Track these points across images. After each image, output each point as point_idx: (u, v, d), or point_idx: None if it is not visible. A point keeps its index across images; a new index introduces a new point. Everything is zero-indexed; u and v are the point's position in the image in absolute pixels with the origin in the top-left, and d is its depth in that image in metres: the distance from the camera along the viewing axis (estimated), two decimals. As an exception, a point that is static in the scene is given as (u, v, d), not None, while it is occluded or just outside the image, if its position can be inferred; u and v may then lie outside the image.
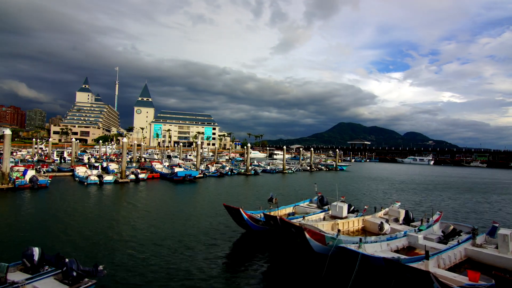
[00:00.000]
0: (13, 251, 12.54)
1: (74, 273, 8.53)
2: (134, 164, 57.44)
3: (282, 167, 62.60)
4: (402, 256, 11.08)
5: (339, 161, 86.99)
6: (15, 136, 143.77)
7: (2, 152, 34.17)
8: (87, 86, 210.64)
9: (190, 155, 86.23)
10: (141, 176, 38.79)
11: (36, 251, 9.33)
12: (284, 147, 72.92)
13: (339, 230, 13.31)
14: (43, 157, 69.30)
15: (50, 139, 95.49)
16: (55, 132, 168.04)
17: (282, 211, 18.65)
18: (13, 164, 35.49)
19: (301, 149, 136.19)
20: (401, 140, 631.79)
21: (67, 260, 8.95)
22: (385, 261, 9.58)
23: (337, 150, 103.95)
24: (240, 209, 15.60)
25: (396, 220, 17.09)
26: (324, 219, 17.33)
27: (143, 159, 76.38)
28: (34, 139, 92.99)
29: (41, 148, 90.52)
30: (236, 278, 11.26)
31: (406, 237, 13.79)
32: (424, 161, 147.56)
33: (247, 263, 12.77)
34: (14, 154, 66.08)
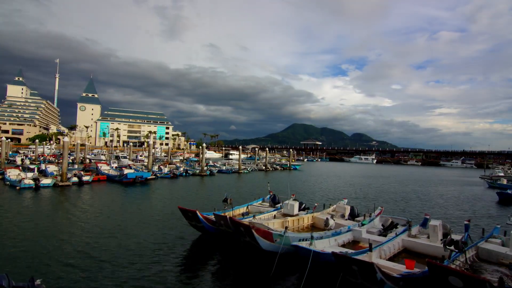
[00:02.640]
0: None
1: None
2: (76, 166, 52.90)
3: (238, 167, 62.82)
4: (350, 251, 11.91)
5: (293, 160, 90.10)
6: None
7: None
8: (20, 79, 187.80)
9: (141, 156, 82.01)
10: (85, 178, 35.85)
11: None
12: (240, 147, 73.38)
13: (286, 227, 13.83)
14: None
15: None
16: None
17: (236, 211, 18.73)
18: None
19: (256, 149, 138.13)
20: (348, 140, 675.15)
21: None
22: (335, 256, 10.20)
23: (291, 150, 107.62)
24: (197, 212, 15.26)
25: (343, 216, 18.28)
26: (275, 217, 17.81)
27: (87, 160, 70.71)
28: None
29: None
30: (189, 283, 11.06)
31: (351, 232, 14.86)
32: (368, 160, 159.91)
33: (200, 267, 12.57)
34: None
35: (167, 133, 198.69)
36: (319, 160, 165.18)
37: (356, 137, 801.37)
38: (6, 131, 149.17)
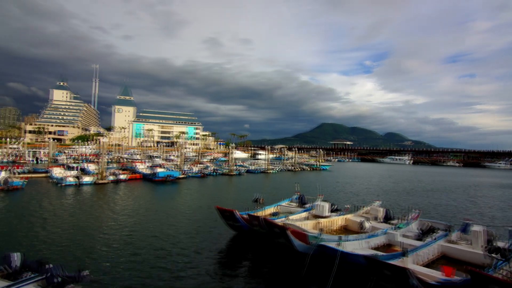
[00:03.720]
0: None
1: (59, 279, 8.27)
2: (114, 165, 55.92)
3: (265, 167, 62.86)
4: (380, 253, 11.43)
5: (322, 161, 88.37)
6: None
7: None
8: (64, 84, 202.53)
9: (172, 155, 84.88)
10: (122, 177, 37.83)
11: (16, 256, 8.98)
12: (268, 147, 73.31)
13: (321, 229, 13.55)
14: (18, 157, 66.15)
15: (25, 139, 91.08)
16: (30, 131, 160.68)
17: (266, 211, 18.78)
18: (-17, 165, 33.59)
19: (284, 149, 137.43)
20: (380, 140, 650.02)
21: (50, 265, 8.66)
22: (366, 259, 9.84)
23: (319, 150, 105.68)
24: (235, 211, 15.34)
25: (376, 219, 17.60)
26: (307, 218, 17.57)
27: (123, 160, 74.52)
28: (7, 139, 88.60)
29: (15, 148, 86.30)
30: (222, 279, 11.23)
31: (385, 235, 14.25)
32: (402, 161, 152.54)
33: (234, 264, 12.78)
34: (-16, 154, 62.72)
35: (196, 133, 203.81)
36: (349, 160, 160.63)
37: (388, 136, 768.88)
38: (52, 133, 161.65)
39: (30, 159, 62.05)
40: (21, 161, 58.27)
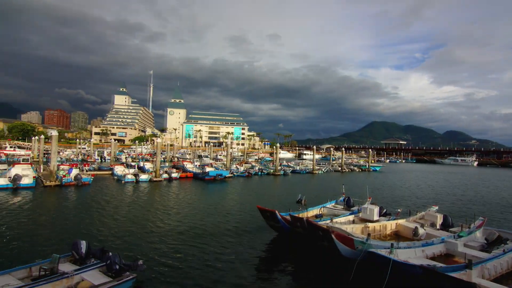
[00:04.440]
0: (62, 244, 13.68)
1: (117, 267, 9.18)
2: (167, 164, 59.71)
3: (312, 167, 61.74)
4: (439, 264, 10.48)
5: (372, 161, 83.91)
6: (61, 137, 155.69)
7: (50, 152, 37.27)
8: (124, 90, 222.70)
9: (220, 155, 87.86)
10: (174, 175, 40.32)
11: (83, 244, 10.17)
12: (314, 147, 71.87)
13: (369, 234, 12.88)
14: (86, 156, 74.33)
15: (92, 140, 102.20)
16: (96, 133, 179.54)
17: (310, 213, 18.44)
18: (59, 163, 38.50)
19: (331, 149, 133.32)
20: (440, 139, 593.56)
21: (110, 254, 9.66)
22: (424, 269, 9.09)
23: (369, 150, 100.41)
24: (276, 212, 15.39)
25: (433, 225, 16.19)
26: (353, 221, 16.86)
27: (175, 159, 79.16)
28: (77, 140, 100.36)
29: (83, 148, 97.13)
30: (264, 279, 11.38)
31: (443, 244, 13.03)
32: (466, 162, 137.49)
33: (275, 265, 12.85)
34: (60, 153, 71.61)
35: (243, 133, 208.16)
36: (403, 161, 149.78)
37: (449, 135, 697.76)
38: (114, 134, 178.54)
39: (96, 158, 69.24)
40: (89, 160, 65.34)
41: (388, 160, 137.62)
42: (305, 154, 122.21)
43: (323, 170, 62.90)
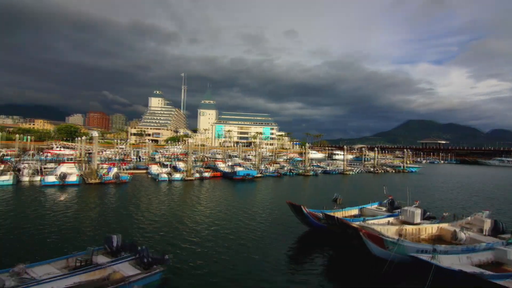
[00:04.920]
0: (100, 237, 14.48)
1: (146, 260, 9.63)
2: (199, 163, 61.27)
3: (343, 168, 60.02)
4: (487, 272, 9.62)
5: (409, 162, 79.72)
6: (102, 138, 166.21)
7: (92, 151, 39.85)
8: (159, 92, 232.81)
9: (249, 155, 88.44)
10: (205, 174, 41.23)
11: (116, 238, 10.75)
12: (345, 146, 69.79)
13: (400, 235, 12.50)
14: (124, 156, 78.54)
15: (129, 140, 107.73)
16: (133, 134, 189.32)
17: (348, 213, 18.03)
18: (100, 162, 41.01)
19: (364, 149, 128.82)
20: (484, 138, 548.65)
21: (140, 248, 10.15)
22: (473, 277, 8.38)
23: (406, 150, 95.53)
24: (302, 207, 15.79)
25: (481, 231, 14.92)
26: (391, 223, 16.14)
27: (206, 159, 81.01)
28: (116, 140, 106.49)
29: (122, 148, 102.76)
30: (293, 275, 11.25)
31: (492, 251, 11.97)
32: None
33: (306, 261, 12.77)
34: (101, 153, 76.33)
35: (272, 133, 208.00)
36: (444, 162, 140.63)
37: (495, 134, 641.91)
38: (149, 135, 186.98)
39: (134, 157, 72.83)
40: (127, 159, 68.98)
41: (426, 161, 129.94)
42: (336, 154, 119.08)
43: (355, 171, 60.88)
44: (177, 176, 38.67)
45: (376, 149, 79.22)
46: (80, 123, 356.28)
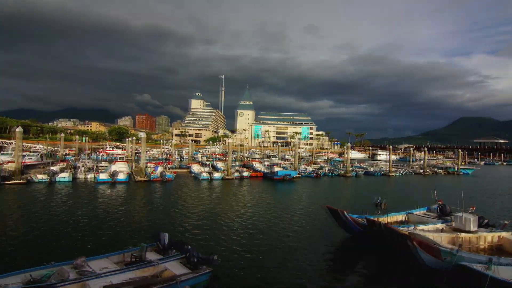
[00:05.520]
0: (143, 232, 15.38)
1: (195, 260, 9.83)
2: (237, 163, 62.33)
3: (387, 169, 56.93)
4: None
5: (462, 163, 73.11)
6: (148, 138, 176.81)
7: (140, 151, 42.58)
8: (199, 94, 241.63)
9: (287, 155, 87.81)
10: (244, 174, 41.82)
11: (166, 236, 11.22)
12: (390, 146, 66.10)
13: (460, 245, 11.30)
14: (168, 155, 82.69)
15: (173, 141, 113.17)
16: (176, 135, 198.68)
17: (392, 218, 16.93)
18: (147, 161, 43.64)
19: (411, 149, 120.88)
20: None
21: (189, 247, 10.41)
22: None
23: (459, 150, 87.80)
24: (344, 212, 15.00)
25: None
26: (443, 230, 14.87)
27: (245, 159, 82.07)
28: (161, 141, 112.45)
29: (166, 148, 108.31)
30: (333, 282, 10.87)
31: None
32: None
33: (345, 268, 12.19)
34: (147, 153, 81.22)
35: (310, 133, 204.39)
36: (504, 163, 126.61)
37: None
38: (191, 135, 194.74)
39: (177, 157, 76.37)
40: (171, 159, 72.52)
41: (482, 162, 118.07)
42: (379, 154, 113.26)
43: (400, 172, 57.38)
44: (217, 175, 39.73)
45: (424, 149, 73.65)
46: (129, 124, 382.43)
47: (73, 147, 74.45)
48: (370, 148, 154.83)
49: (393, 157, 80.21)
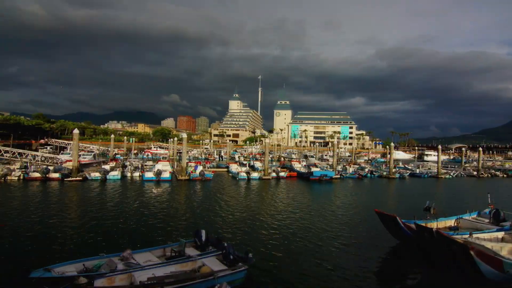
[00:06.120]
0: (188, 230, 16.00)
1: (231, 257, 9.99)
2: (274, 163, 62.28)
3: (436, 170, 52.84)
4: None
5: (527, 165, 65.16)
6: (189, 139, 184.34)
7: (181, 151, 44.55)
8: (237, 95, 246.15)
9: (326, 155, 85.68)
10: (282, 174, 41.64)
11: (203, 232, 11.56)
12: (440, 146, 61.22)
13: None
14: (208, 155, 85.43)
15: (212, 141, 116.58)
16: (215, 135, 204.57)
17: (442, 224, 15.68)
18: (188, 161, 45.43)
19: (463, 149, 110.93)
20: None
21: (225, 244, 10.61)
22: None
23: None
24: (397, 217, 14.03)
25: None
26: (503, 239, 13.40)
27: (282, 158, 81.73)
28: (201, 141, 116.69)
29: (206, 148, 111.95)
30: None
31: None
32: None
33: (395, 277, 11.47)
34: (188, 153, 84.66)
35: (350, 132, 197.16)
36: None
37: None
38: (229, 135, 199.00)
39: (216, 156, 78.55)
40: (210, 158, 74.81)
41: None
42: (427, 155, 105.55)
43: (451, 174, 52.89)
44: (255, 175, 40.06)
45: (480, 149, 66.96)
46: (172, 126, 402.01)
47: (122, 147, 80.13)
48: (417, 148, 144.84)
49: (443, 157, 74.20)
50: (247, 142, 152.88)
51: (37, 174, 32.79)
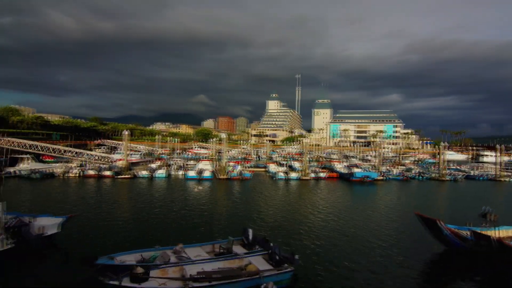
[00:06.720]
0: (231, 227, 16.52)
1: (277, 257, 10.13)
2: (314, 163, 61.16)
3: (495, 173, 47.81)
4: None
5: None
6: (228, 139, 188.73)
7: (221, 151, 45.85)
8: (275, 95, 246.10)
9: (369, 156, 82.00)
10: (321, 174, 40.85)
11: (251, 232, 11.89)
12: (500, 146, 55.28)
13: None
14: (246, 155, 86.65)
15: (251, 141, 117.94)
16: (253, 135, 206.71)
17: (503, 232, 14.22)
18: (228, 161, 46.55)
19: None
20: None
21: (272, 244, 10.80)
22: None
23: None
24: (438, 221, 13.24)
25: None
26: None
27: (321, 159, 79.95)
28: (240, 141, 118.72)
29: (245, 148, 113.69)
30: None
31: None
32: None
33: (442, 284, 10.73)
34: (228, 152, 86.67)
35: (396, 131, 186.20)
36: None
37: None
38: (267, 135, 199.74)
39: (254, 156, 79.45)
40: (249, 158, 75.83)
41: None
42: (485, 155, 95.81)
43: (515, 177, 47.44)
44: (294, 175, 39.82)
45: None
46: (212, 126, 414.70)
47: (167, 147, 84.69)
48: (473, 148, 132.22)
49: (504, 158, 66.68)
50: (285, 142, 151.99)
51: (92, 172, 36.17)
